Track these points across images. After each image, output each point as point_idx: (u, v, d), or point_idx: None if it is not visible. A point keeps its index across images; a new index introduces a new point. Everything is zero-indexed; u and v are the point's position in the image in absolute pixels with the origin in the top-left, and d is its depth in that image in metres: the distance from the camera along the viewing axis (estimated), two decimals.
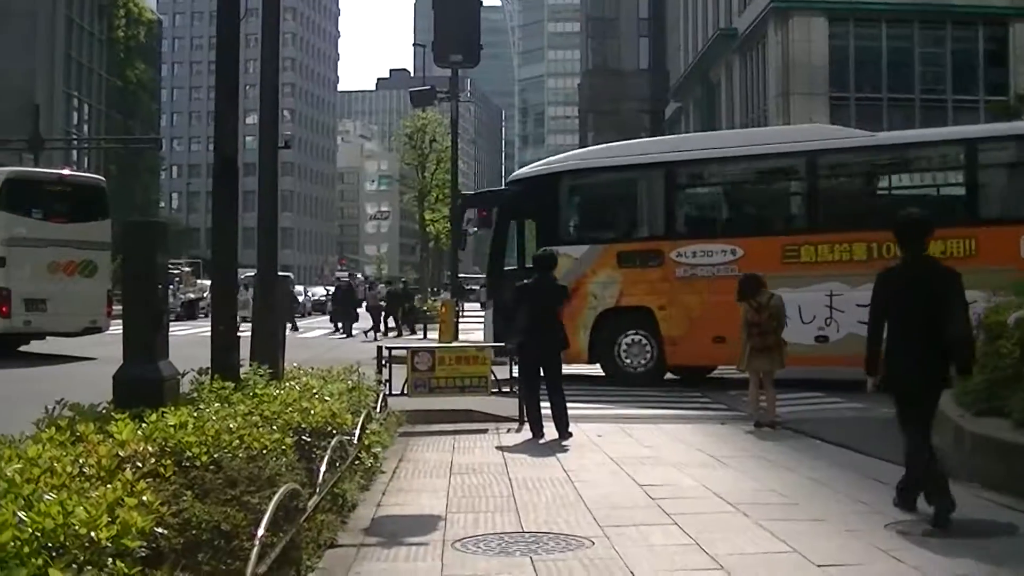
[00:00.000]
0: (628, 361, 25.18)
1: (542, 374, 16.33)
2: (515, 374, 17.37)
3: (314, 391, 11.92)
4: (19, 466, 5.93)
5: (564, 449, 14.97)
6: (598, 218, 27.58)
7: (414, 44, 79.93)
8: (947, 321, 9.94)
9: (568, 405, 16.19)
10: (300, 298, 66.23)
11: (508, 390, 17.72)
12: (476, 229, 30.70)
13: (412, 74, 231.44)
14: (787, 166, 26.13)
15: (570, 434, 15.81)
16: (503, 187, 28.89)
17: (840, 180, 26.31)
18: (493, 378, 17.65)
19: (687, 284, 24.50)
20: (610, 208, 27.80)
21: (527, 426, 16.34)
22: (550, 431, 15.94)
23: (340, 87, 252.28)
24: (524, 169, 29.65)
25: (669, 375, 25.78)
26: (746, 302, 17.76)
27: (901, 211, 11.04)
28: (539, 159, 35.62)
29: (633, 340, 24.95)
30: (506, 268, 26.84)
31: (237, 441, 8.09)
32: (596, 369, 25.74)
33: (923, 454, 10.10)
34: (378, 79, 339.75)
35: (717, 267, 24.32)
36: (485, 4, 16.29)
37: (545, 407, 16.16)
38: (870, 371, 10.44)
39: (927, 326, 10.01)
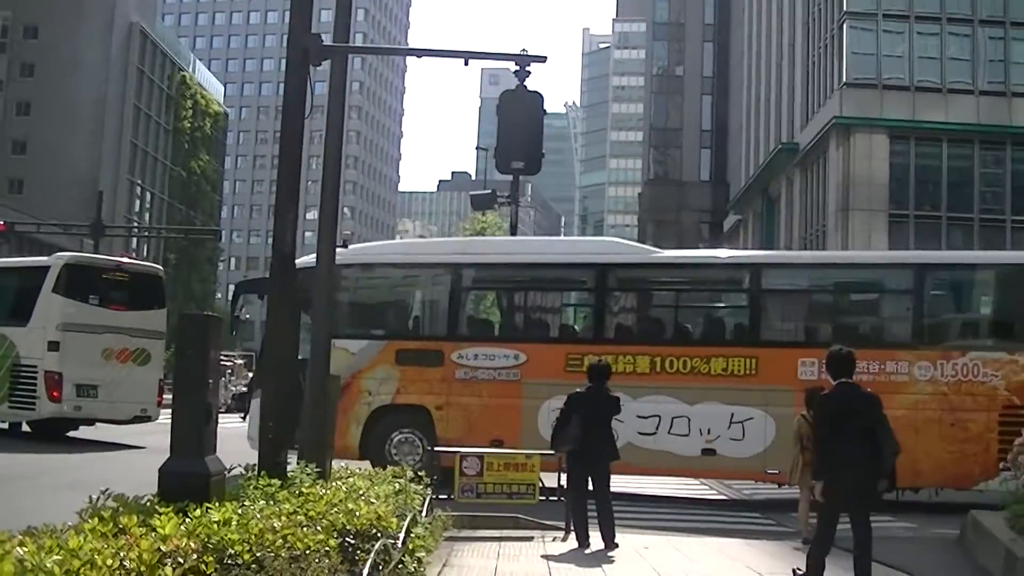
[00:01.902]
0: (398, 459, 23.59)
1: (591, 484, 16.23)
2: (563, 482, 17.28)
3: (360, 492, 11.83)
4: (59, 558, 5.87)
5: (610, 560, 14.82)
6: (378, 314, 27.16)
7: (477, 147, 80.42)
8: (877, 436, 12.19)
9: (615, 515, 16.06)
10: None
11: (556, 498, 17.63)
12: (248, 316, 30.18)
13: (473, 177, 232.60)
14: (572, 277, 26.33)
15: (616, 545, 15.65)
16: None
17: (625, 294, 26.48)
18: (541, 485, 17.60)
19: (467, 386, 24.01)
20: (392, 305, 27.61)
21: (573, 535, 16.20)
22: (596, 541, 15.79)
23: (401, 187, 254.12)
24: (305, 258, 29.43)
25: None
26: (803, 416, 17.51)
27: (833, 346, 13.29)
28: None
29: (405, 438, 24.43)
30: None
31: (280, 541, 8.02)
32: (642, 482, 25.36)
33: (868, 544, 12.38)
34: (439, 181, 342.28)
35: (499, 371, 24.09)
36: (549, 111, 16.36)
37: (592, 516, 16.04)
38: (818, 478, 12.73)
39: (862, 440, 12.17)
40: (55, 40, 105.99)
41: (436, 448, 19.11)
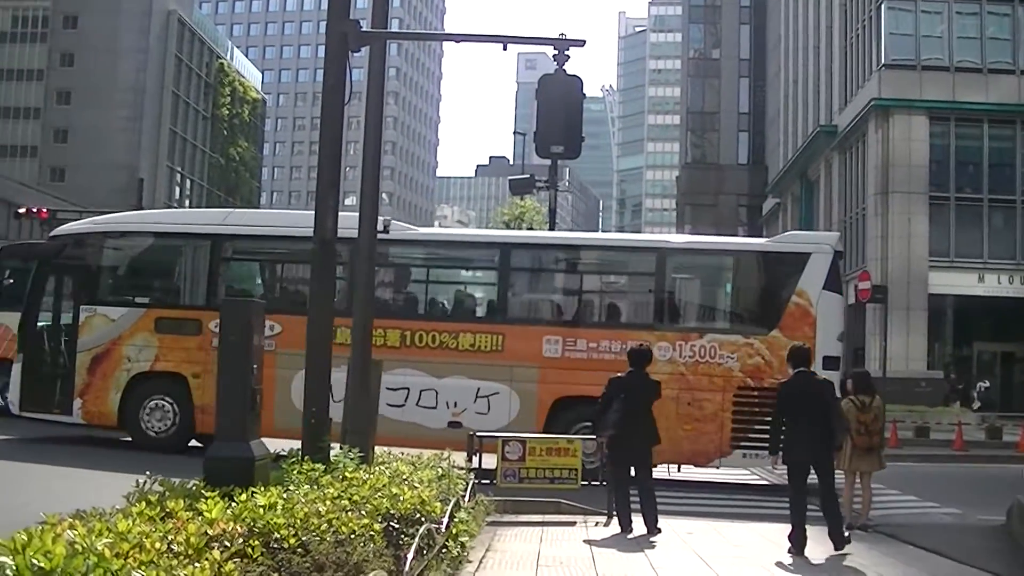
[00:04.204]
0: (150, 425, 24.54)
1: (632, 469, 16.22)
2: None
3: (404, 477, 11.87)
4: (109, 540, 5.92)
5: (652, 545, 14.81)
6: (139, 282, 27.03)
7: (514, 132, 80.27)
8: (830, 416, 14.98)
9: (658, 500, 16.04)
10: None
11: (598, 483, 17.65)
12: (12, 281, 30.22)
13: (511, 162, 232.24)
14: None
15: (659, 530, 15.64)
16: (45, 241, 28.52)
17: (377, 268, 26.41)
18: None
19: None
20: (152, 273, 27.45)
21: (616, 520, 16.20)
22: (639, 526, 15.78)
23: (439, 172, 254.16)
24: (67, 226, 29.00)
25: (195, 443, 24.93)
26: (850, 400, 17.29)
27: (793, 344, 16.65)
28: None
29: (156, 405, 24.46)
30: (40, 324, 26.06)
31: (325, 525, 8.07)
32: (691, 470, 25.26)
33: (835, 505, 15.19)
34: (477, 165, 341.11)
35: None
36: (587, 96, 16.24)
37: (635, 502, 16.02)
38: (773, 452, 15.64)
39: (816, 419, 14.72)
40: (94, 29, 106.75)
41: (477, 433, 18.97)
